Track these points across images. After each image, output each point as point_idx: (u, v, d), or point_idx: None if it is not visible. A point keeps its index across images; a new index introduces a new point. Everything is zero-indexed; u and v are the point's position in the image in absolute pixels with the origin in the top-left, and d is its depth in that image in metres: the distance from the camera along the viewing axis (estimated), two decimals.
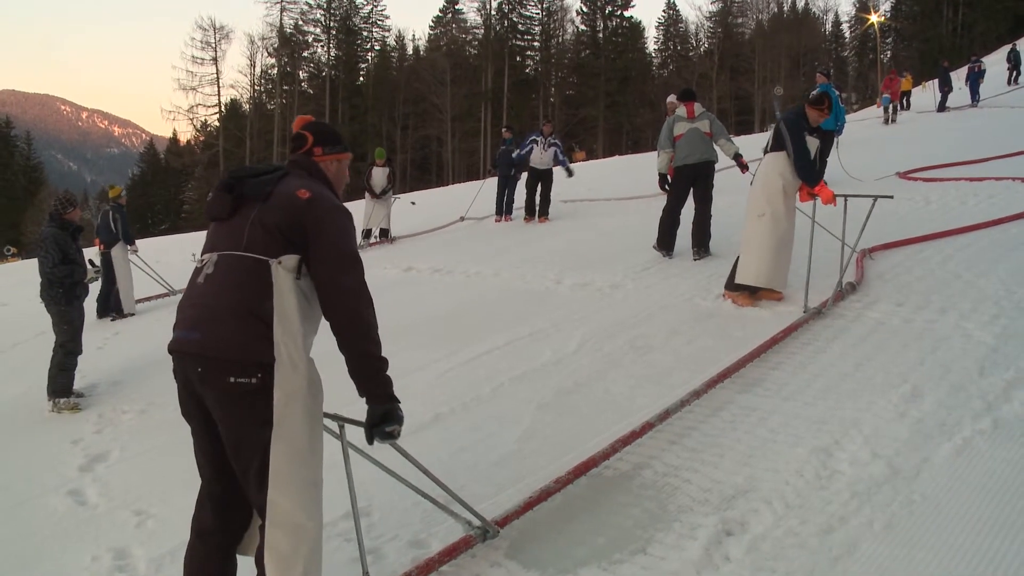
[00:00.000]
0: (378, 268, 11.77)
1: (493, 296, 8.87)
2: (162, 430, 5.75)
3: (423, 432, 5.25)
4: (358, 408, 2.95)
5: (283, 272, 2.85)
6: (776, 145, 6.93)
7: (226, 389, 2.79)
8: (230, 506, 3.03)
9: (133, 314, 10.95)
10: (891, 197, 7.09)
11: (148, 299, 11.63)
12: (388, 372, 2.96)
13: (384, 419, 2.89)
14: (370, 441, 2.92)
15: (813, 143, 6.88)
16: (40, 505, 4.95)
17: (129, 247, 11.15)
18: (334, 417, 3.05)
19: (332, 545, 3.83)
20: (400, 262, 11.89)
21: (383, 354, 2.95)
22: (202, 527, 3.07)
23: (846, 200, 6.78)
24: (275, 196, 2.96)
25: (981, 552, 3.17)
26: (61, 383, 6.95)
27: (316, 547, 2.86)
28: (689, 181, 9.07)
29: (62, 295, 7.02)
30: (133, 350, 8.64)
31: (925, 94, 32.42)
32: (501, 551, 3.63)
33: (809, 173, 6.80)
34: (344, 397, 3.09)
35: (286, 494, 2.77)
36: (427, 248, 13.54)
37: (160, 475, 4.93)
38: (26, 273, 13.60)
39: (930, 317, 6.02)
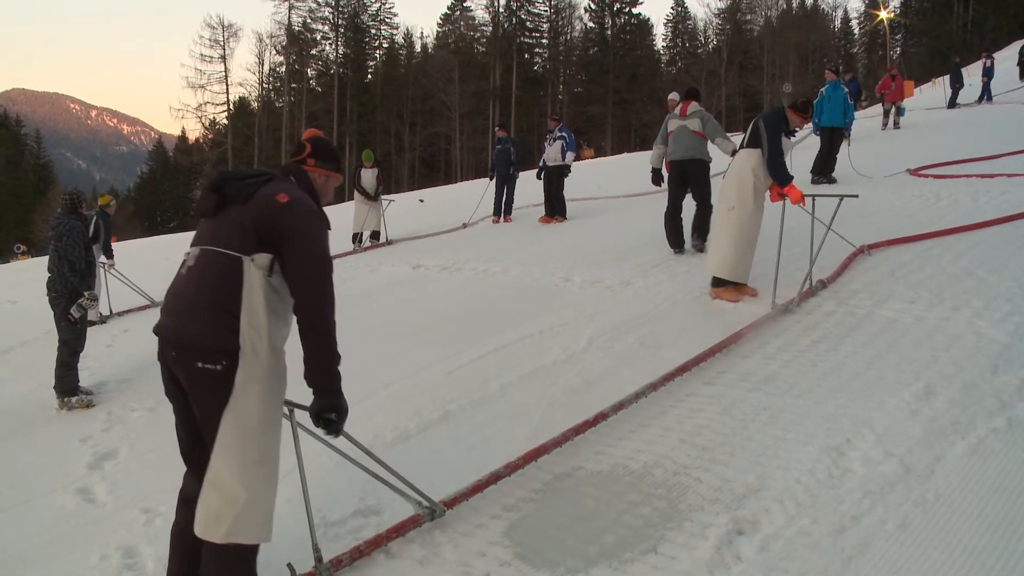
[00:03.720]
0: (387, 265, 11.77)
1: (502, 293, 8.85)
2: (171, 428, 5.61)
3: (432, 430, 5.24)
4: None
5: (254, 269, 3.11)
6: (751, 142, 7.05)
7: (195, 373, 3.10)
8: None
9: (103, 322, 10.61)
10: (856, 196, 7.17)
11: (128, 311, 11.25)
12: (339, 368, 3.21)
13: (329, 410, 3.16)
14: (316, 424, 3.19)
15: (788, 144, 7.07)
16: (48, 503, 4.95)
17: (106, 260, 10.93)
18: (285, 403, 3.32)
19: (343, 543, 3.84)
20: (409, 259, 11.87)
21: (337, 351, 3.21)
22: (186, 495, 3.36)
23: (814, 200, 6.88)
24: (256, 198, 3.20)
25: (996, 552, 3.14)
26: (68, 383, 6.94)
27: (247, 515, 3.09)
28: (679, 177, 9.24)
29: (75, 289, 7.00)
30: (142, 348, 8.63)
31: (935, 90, 32.25)
32: (511, 550, 3.61)
33: (781, 172, 6.92)
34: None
35: (227, 463, 3.06)
36: (436, 246, 13.51)
37: (169, 473, 4.87)
38: (35, 271, 13.62)
39: (942, 315, 5.97)
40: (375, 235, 14.91)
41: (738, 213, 7.00)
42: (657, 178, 9.74)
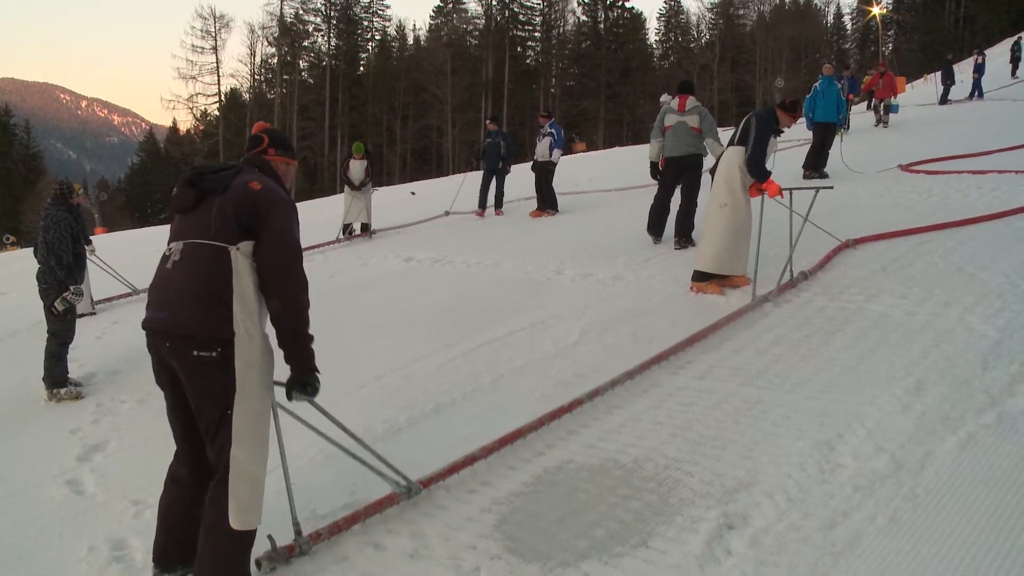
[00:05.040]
0: (379, 258, 11.74)
1: (494, 286, 8.83)
2: (160, 420, 5.59)
3: (423, 423, 5.23)
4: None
5: (241, 257, 3.26)
6: (741, 139, 7.19)
7: (190, 361, 3.25)
8: (197, 460, 3.45)
9: (93, 313, 10.51)
10: (831, 188, 7.42)
11: (110, 299, 11.11)
12: (312, 346, 3.40)
13: (303, 384, 3.35)
14: (289, 398, 3.37)
15: (773, 144, 7.26)
16: (37, 495, 4.92)
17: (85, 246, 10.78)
18: None
19: (329, 542, 3.82)
20: (401, 252, 11.84)
21: (310, 331, 3.39)
22: (174, 474, 3.56)
23: (791, 193, 7.04)
24: (231, 188, 3.37)
25: (985, 547, 3.15)
26: (57, 374, 6.90)
27: (263, 492, 3.30)
28: (675, 172, 9.35)
29: (62, 282, 6.96)
30: (131, 340, 8.58)
31: (927, 87, 32.30)
32: (501, 543, 3.61)
33: (759, 169, 7.05)
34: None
35: (246, 450, 3.21)
36: (428, 238, 13.48)
37: (158, 465, 4.82)
38: (25, 261, 13.52)
39: (933, 310, 5.99)
40: (365, 227, 14.91)
41: (731, 209, 7.11)
42: (656, 172, 9.77)
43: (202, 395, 3.28)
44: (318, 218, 17.38)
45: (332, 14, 77.11)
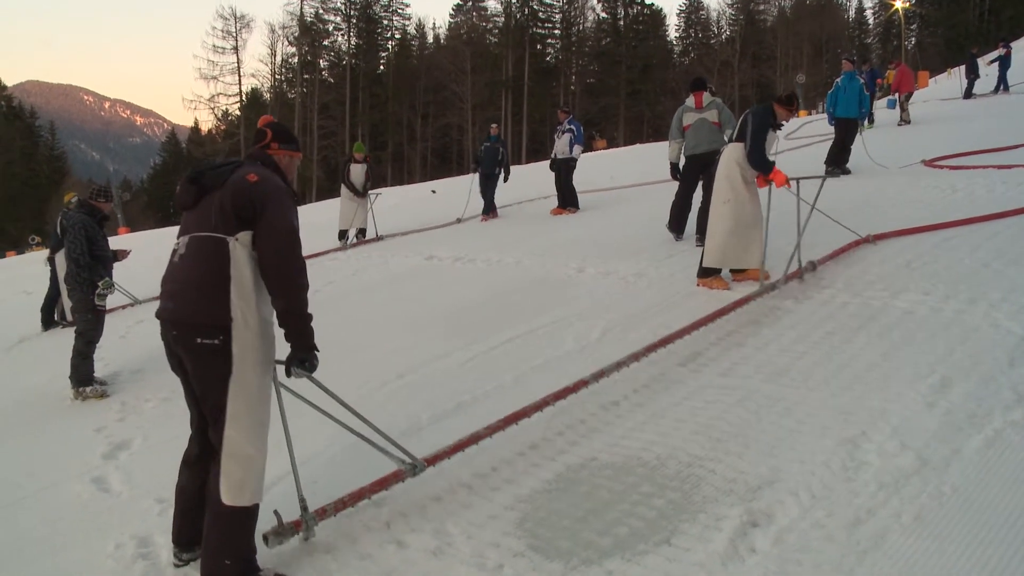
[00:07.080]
0: (400, 256, 11.78)
1: (515, 284, 8.84)
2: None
3: (446, 420, 5.24)
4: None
5: (240, 247, 3.43)
6: (740, 136, 7.26)
7: (194, 348, 3.43)
8: (205, 442, 3.63)
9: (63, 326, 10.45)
10: (837, 176, 7.42)
11: (112, 310, 9.98)
12: (312, 325, 3.53)
13: (300, 361, 3.49)
14: (288, 374, 3.53)
15: (773, 138, 7.30)
16: (64, 492, 4.98)
17: None
18: None
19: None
20: (422, 250, 11.88)
21: (309, 311, 3.53)
22: (188, 455, 3.75)
23: (798, 182, 7.07)
24: (230, 181, 3.52)
25: (1013, 546, 3.11)
26: (83, 372, 6.98)
27: (260, 473, 3.48)
28: (698, 170, 9.32)
29: (87, 280, 7.03)
30: (155, 338, 8.63)
31: (951, 81, 31.93)
32: (524, 541, 3.61)
33: (760, 162, 7.10)
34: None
35: (240, 431, 3.38)
36: (448, 236, 13.51)
37: None
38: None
39: (959, 307, 5.92)
40: (362, 232, 14.63)
41: (734, 204, 7.17)
42: (676, 172, 9.73)
43: (205, 381, 3.46)
44: (321, 218, 17.35)
45: (352, 13, 77.43)
